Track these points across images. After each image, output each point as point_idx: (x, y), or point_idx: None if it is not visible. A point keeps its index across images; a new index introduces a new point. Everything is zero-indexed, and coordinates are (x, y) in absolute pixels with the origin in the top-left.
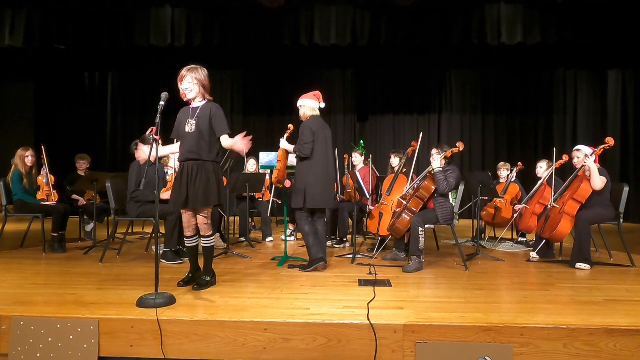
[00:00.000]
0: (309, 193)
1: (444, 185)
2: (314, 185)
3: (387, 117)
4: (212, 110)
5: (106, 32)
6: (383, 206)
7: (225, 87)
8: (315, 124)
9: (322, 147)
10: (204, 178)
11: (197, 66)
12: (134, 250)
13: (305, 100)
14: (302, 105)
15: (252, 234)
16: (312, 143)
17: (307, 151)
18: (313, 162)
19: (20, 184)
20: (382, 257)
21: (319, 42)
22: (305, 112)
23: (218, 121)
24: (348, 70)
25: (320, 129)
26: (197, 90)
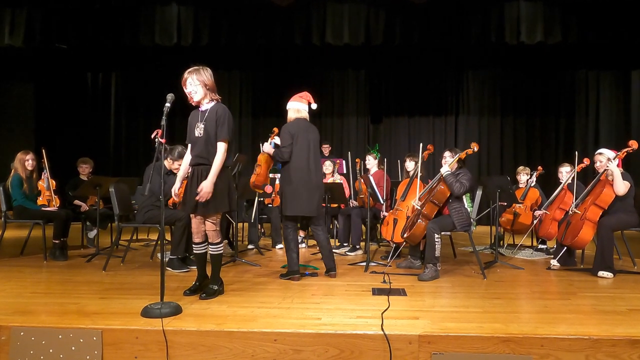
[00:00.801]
0: (287, 200)
1: (457, 187)
2: (293, 192)
3: (401, 119)
4: (217, 112)
5: (109, 30)
6: (397, 212)
7: (234, 88)
8: (295, 127)
9: (303, 151)
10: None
11: (199, 67)
12: (138, 257)
13: (290, 103)
14: (288, 108)
15: (262, 240)
16: (290, 146)
17: (285, 155)
18: (292, 167)
19: (20, 189)
20: (397, 264)
21: (331, 42)
22: (290, 115)
23: (222, 125)
24: (361, 70)
25: (302, 132)
26: (201, 91)
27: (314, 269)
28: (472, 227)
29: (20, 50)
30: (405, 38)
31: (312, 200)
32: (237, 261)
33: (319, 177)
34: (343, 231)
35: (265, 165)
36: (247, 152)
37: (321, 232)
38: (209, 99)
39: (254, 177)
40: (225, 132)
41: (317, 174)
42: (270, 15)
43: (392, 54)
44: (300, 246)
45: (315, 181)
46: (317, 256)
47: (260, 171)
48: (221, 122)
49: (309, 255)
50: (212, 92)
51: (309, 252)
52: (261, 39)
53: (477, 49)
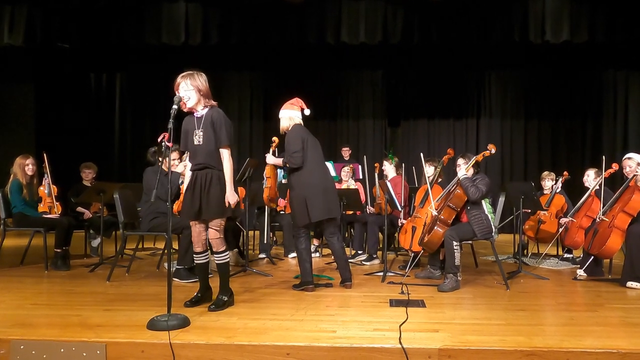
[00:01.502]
0: (312, 205)
1: (473, 191)
2: (315, 196)
3: (420, 122)
4: (212, 117)
5: (114, 29)
6: (416, 219)
7: (244, 90)
8: (302, 131)
9: (315, 153)
10: (218, 188)
11: (193, 72)
12: (144, 267)
13: (282, 111)
14: (281, 117)
15: (273, 249)
16: (301, 151)
17: (297, 160)
18: (307, 171)
19: (20, 195)
20: (415, 274)
21: (347, 40)
22: (283, 124)
23: (218, 129)
24: (378, 70)
25: (309, 135)
26: (195, 97)
27: (329, 279)
28: (495, 235)
29: (20, 49)
30: (425, 37)
31: (334, 201)
32: (247, 271)
33: (332, 179)
34: (359, 239)
35: (274, 177)
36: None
37: (336, 240)
38: (203, 105)
39: (266, 191)
40: (225, 138)
41: (329, 175)
42: (283, 13)
43: (411, 54)
44: (314, 255)
45: (331, 183)
46: (332, 266)
47: (271, 184)
48: (218, 127)
49: (323, 265)
50: (206, 98)
51: (323, 261)
52: (273, 38)
53: (499, 48)
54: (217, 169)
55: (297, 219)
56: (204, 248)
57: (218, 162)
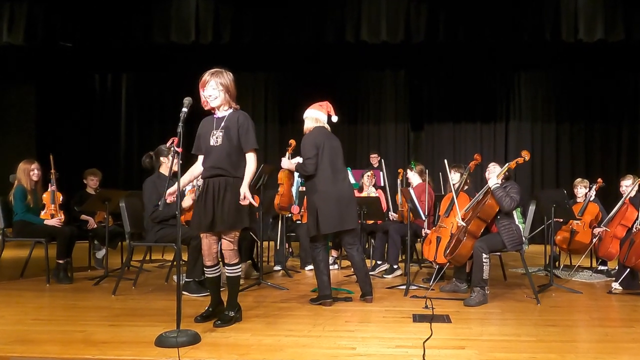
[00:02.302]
0: (322, 215)
1: (507, 202)
2: (326, 206)
3: (445, 126)
4: (239, 120)
5: (119, 27)
6: (441, 229)
7: (258, 91)
8: (318, 135)
9: (330, 160)
10: (234, 196)
11: (222, 70)
12: (152, 280)
13: (309, 111)
14: (305, 117)
15: (289, 261)
16: (315, 157)
17: (310, 168)
18: (321, 178)
19: (24, 202)
20: (440, 288)
21: (367, 39)
22: (307, 124)
23: (246, 133)
24: (400, 71)
25: (326, 140)
26: (222, 97)
27: (348, 293)
28: (524, 246)
29: (21, 48)
30: (450, 35)
31: (348, 212)
32: (262, 284)
33: (350, 187)
34: (380, 250)
35: (288, 183)
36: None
37: (356, 252)
38: (228, 106)
39: (277, 197)
40: (252, 141)
41: (347, 183)
42: (299, 10)
43: (435, 53)
44: (332, 267)
45: (347, 192)
46: (351, 279)
47: (284, 190)
48: (245, 130)
49: (342, 278)
50: (232, 99)
51: (341, 274)
52: (289, 37)
53: (529, 48)
54: (232, 176)
55: (309, 229)
56: (215, 261)
57: (233, 167)
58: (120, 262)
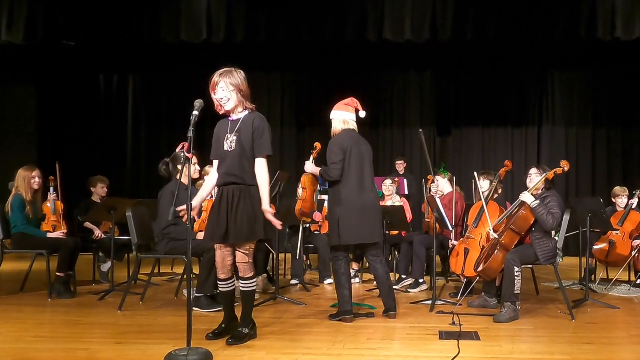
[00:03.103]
0: (344, 226)
1: (550, 221)
2: (349, 215)
3: (474, 131)
4: (254, 123)
5: (126, 25)
6: (469, 241)
7: (274, 94)
8: (346, 139)
9: (357, 166)
10: (249, 206)
11: (232, 69)
12: (160, 295)
13: (335, 112)
14: (332, 119)
15: (307, 274)
16: (341, 163)
17: (335, 173)
18: (345, 186)
19: (22, 213)
20: (468, 303)
21: (390, 38)
22: (335, 126)
23: (261, 137)
24: (426, 72)
25: (354, 145)
26: (235, 98)
27: (370, 309)
28: (559, 258)
29: (20, 47)
30: (479, 33)
31: (372, 224)
32: (278, 299)
33: (376, 197)
34: (405, 263)
35: (311, 188)
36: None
37: (379, 264)
38: (243, 107)
39: (299, 203)
40: (266, 146)
41: (374, 193)
42: (318, 7)
43: (463, 53)
44: (354, 281)
45: (373, 202)
46: (374, 293)
47: (306, 196)
48: (259, 134)
49: (364, 292)
50: (246, 99)
51: (363, 288)
52: (307, 35)
53: (564, 47)
54: (247, 184)
55: (330, 238)
56: (230, 275)
57: (248, 175)
58: (127, 276)
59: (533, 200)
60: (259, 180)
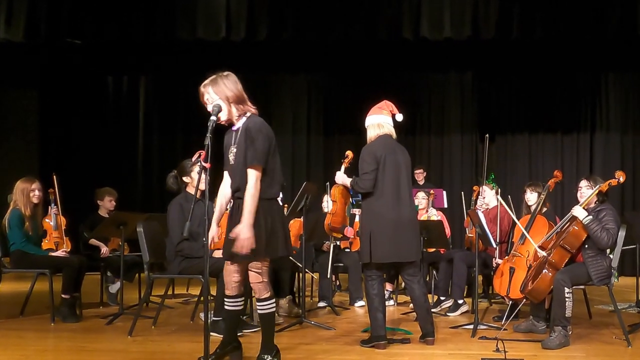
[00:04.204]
0: (376, 242)
1: (604, 239)
2: (382, 231)
3: (520, 137)
4: (247, 130)
5: (138, 22)
6: (515, 259)
7: (300, 96)
8: (380, 147)
9: (392, 176)
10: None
11: (216, 75)
12: (175, 319)
13: (369, 118)
14: (367, 126)
15: (336, 296)
16: (373, 173)
17: (366, 184)
18: (379, 198)
19: (21, 230)
20: (514, 327)
21: (428, 36)
22: (370, 133)
23: (251, 144)
24: (467, 73)
25: (389, 153)
26: (225, 107)
27: (406, 334)
28: (613, 278)
29: (21, 46)
30: (525, 31)
31: (408, 240)
32: (304, 323)
33: (413, 211)
34: (443, 283)
35: (342, 201)
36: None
37: (416, 284)
38: (239, 113)
39: (329, 217)
40: (254, 156)
41: (411, 206)
42: (348, 1)
43: (508, 52)
44: (388, 303)
45: (409, 216)
46: (410, 316)
47: (336, 209)
48: (250, 142)
49: (399, 316)
50: (240, 103)
51: (398, 310)
52: (336, 32)
53: (618, 45)
54: None
55: (361, 256)
56: (235, 292)
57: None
58: (138, 298)
59: (586, 215)
60: (246, 194)
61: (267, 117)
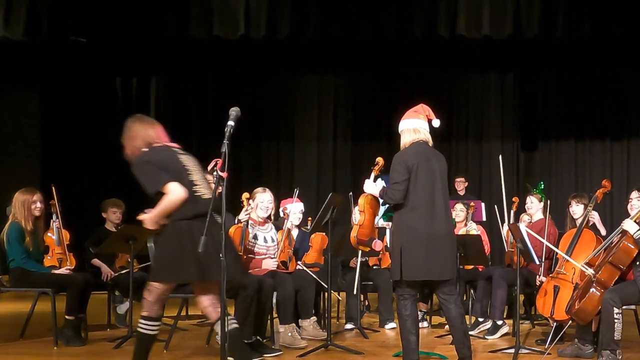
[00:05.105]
0: (406, 257)
1: None
2: (413, 245)
3: (565, 145)
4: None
5: (149, 18)
6: (559, 276)
7: (326, 99)
8: (412, 155)
9: (426, 187)
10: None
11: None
12: (189, 342)
13: (403, 122)
14: (401, 131)
15: (365, 317)
16: (404, 183)
17: (396, 195)
18: (410, 211)
19: (21, 245)
20: (559, 352)
21: (465, 33)
22: (404, 139)
23: (142, 181)
24: (508, 74)
25: (423, 161)
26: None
27: (441, 358)
28: None
29: (21, 45)
30: (572, 28)
31: (442, 257)
32: (330, 347)
33: (449, 225)
34: (482, 302)
35: (371, 212)
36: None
37: (453, 304)
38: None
39: (356, 229)
40: (149, 184)
41: (447, 220)
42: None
43: (553, 51)
44: (421, 325)
45: (445, 231)
46: (446, 340)
47: (365, 221)
48: (139, 176)
49: (433, 339)
50: (136, 147)
51: (432, 333)
52: (364, 31)
53: None
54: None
55: (391, 272)
56: (157, 315)
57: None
58: None
59: (637, 228)
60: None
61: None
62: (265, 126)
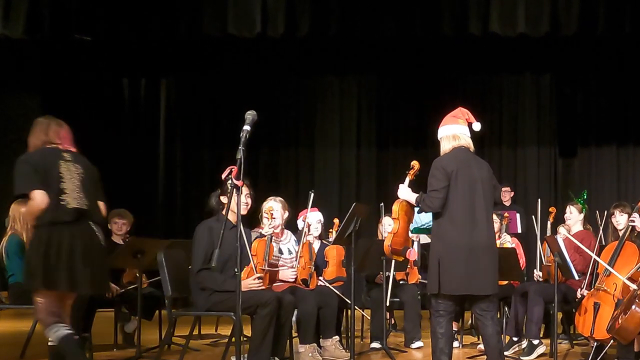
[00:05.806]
0: (445, 269)
1: None
2: (452, 257)
3: (606, 151)
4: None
5: (158, 15)
6: (600, 292)
7: (348, 102)
8: (452, 161)
9: (466, 195)
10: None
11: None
12: None
13: (442, 129)
14: (440, 139)
15: (391, 336)
16: (443, 190)
17: (434, 203)
18: (449, 221)
19: (21, 258)
20: None
21: (498, 31)
22: (443, 147)
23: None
24: (544, 75)
25: (463, 167)
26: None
27: None
28: None
29: (21, 44)
30: (612, 26)
31: (484, 269)
32: None
33: (491, 236)
34: (516, 320)
35: (405, 219)
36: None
37: (490, 321)
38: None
39: (389, 237)
40: (16, 185)
41: (489, 230)
42: None
43: (592, 51)
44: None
45: (487, 242)
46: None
47: (399, 228)
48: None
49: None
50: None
51: (464, 354)
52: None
53: None
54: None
55: (428, 285)
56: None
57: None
58: (158, 339)
59: None
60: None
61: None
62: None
